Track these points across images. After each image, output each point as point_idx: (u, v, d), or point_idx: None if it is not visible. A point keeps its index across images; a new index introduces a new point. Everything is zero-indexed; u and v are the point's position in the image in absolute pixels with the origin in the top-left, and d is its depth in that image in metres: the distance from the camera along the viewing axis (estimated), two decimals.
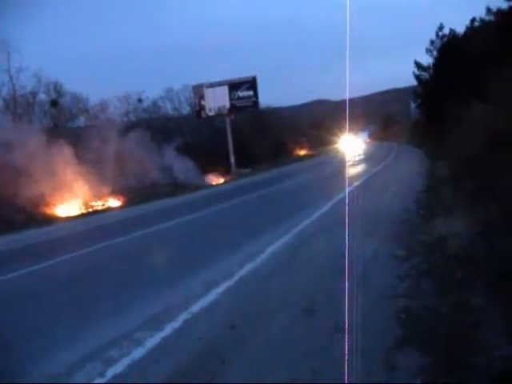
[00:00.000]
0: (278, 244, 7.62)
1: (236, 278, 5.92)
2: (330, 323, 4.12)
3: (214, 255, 7.47)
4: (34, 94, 26.27)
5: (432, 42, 31.96)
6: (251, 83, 34.04)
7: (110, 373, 3.75)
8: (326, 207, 11.01)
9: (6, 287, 7.56)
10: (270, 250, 7.26)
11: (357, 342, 3.50)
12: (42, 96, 27.16)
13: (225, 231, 10.14)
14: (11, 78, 24.55)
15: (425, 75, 34.81)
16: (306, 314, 4.47)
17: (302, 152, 55.38)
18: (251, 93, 33.96)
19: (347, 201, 11.81)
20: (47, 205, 19.33)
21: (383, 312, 4.27)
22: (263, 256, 6.92)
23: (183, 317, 4.73)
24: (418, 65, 35.04)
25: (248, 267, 6.36)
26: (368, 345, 3.52)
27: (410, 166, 20.98)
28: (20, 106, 25.35)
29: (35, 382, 3.83)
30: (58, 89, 27.72)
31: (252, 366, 3.62)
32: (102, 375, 3.73)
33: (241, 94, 34.13)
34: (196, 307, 4.97)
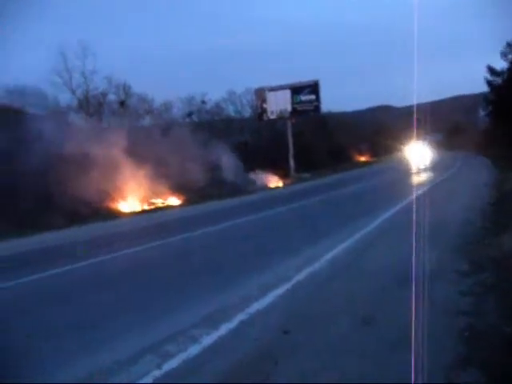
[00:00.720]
0: (338, 249, 7.53)
1: (293, 282, 5.90)
2: (389, 336, 4.00)
3: (271, 258, 7.50)
4: (104, 94, 27.56)
5: (509, 45, 30.29)
6: (313, 87, 33.84)
7: (166, 367, 3.83)
8: (387, 215, 10.77)
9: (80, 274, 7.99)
10: (329, 255, 7.18)
11: (416, 358, 3.37)
12: (112, 97, 28.41)
13: (284, 234, 10.13)
14: (85, 79, 25.91)
15: (497, 81, 33.11)
16: (363, 325, 4.37)
17: (363, 158, 54.36)
18: (313, 97, 33.76)
19: (409, 210, 11.49)
20: (111, 200, 20.13)
21: (445, 328, 4.10)
22: (322, 261, 6.85)
23: (239, 317, 4.77)
24: (491, 70, 33.38)
25: (305, 272, 6.32)
26: (429, 361, 3.38)
27: (477, 176, 20.07)
28: (92, 106, 26.66)
29: (101, 367, 3.98)
30: (126, 90, 28.91)
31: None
32: (159, 367, 3.82)
33: (303, 97, 34.01)
34: (252, 309, 4.99)
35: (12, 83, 22.10)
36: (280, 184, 29.55)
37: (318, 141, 37.75)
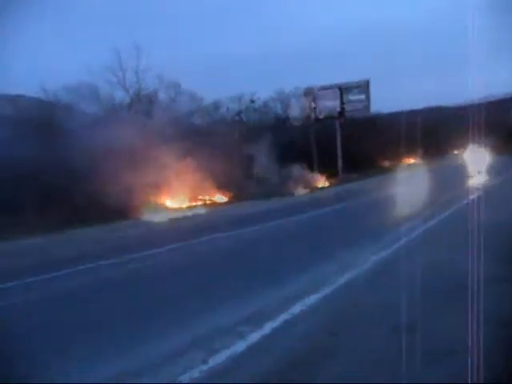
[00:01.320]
0: (387, 251, 7.41)
1: (334, 286, 5.84)
2: (437, 349, 3.86)
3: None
4: (155, 92, 28.15)
5: None
6: (364, 87, 33.27)
7: (212, 362, 3.90)
8: (438, 219, 10.45)
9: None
10: (373, 258, 7.07)
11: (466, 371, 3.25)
12: (163, 95, 28.98)
13: (334, 234, 10.11)
14: (138, 78, 26.57)
15: None
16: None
17: (412, 160, 52.99)
18: (363, 96, 33.20)
19: (461, 215, 11.13)
20: (161, 196, 20.62)
21: (502, 344, 3.92)
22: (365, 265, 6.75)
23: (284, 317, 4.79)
24: None
25: (347, 276, 6.25)
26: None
27: None
28: (143, 104, 27.31)
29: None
30: (176, 88, 29.42)
31: None
32: (204, 362, 3.90)
33: (352, 97, 33.51)
34: (296, 309, 4.99)
35: (70, 82, 23.03)
36: (327, 183, 29.29)
37: (366, 141, 37.11)
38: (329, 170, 30.91)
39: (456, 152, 46.28)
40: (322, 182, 29.43)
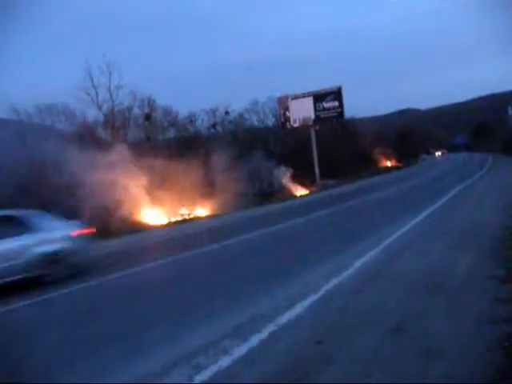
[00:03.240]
0: (367, 257, 7.44)
1: (322, 292, 5.83)
2: (422, 346, 3.91)
3: (301, 266, 7.48)
4: (129, 109, 28.04)
5: None
6: (336, 94, 33.71)
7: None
8: (417, 220, 10.59)
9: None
10: (357, 263, 7.09)
11: (451, 369, 3.27)
12: (137, 111, 28.88)
13: (314, 242, 10.11)
14: (111, 95, 26.41)
15: None
16: (395, 333, 4.28)
17: (389, 163, 53.78)
18: (336, 103, 33.62)
19: (438, 214, 11.32)
20: (139, 214, 20.41)
21: (482, 338, 3.97)
22: (351, 270, 6.76)
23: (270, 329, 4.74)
24: None
25: (335, 281, 6.25)
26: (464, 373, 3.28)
27: (508, 179, 19.64)
28: (117, 121, 27.14)
29: None
30: (151, 103, 29.35)
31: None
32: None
33: (326, 104, 33.91)
34: (283, 319, 4.96)
35: (42, 101, 22.75)
36: (305, 191, 29.45)
37: (342, 147, 37.55)
38: (307, 178, 31.11)
39: (427, 152, 47.23)
40: (300, 189, 29.58)
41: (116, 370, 4.28)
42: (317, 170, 33.06)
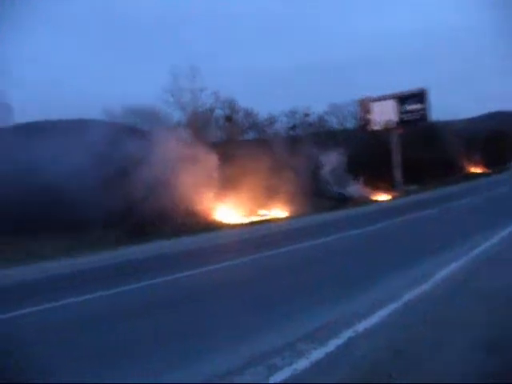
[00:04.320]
0: (451, 268, 7.04)
1: (404, 300, 5.60)
2: None
3: (383, 273, 7.25)
4: (211, 110, 28.76)
5: None
6: (420, 96, 32.34)
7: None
8: (506, 232, 9.87)
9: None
10: (442, 273, 6.74)
11: None
12: (219, 112, 29.56)
13: (396, 248, 9.79)
14: (194, 97, 27.29)
15: None
16: (484, 350, 3.98)
17: (477, 170, 50.75)
18: (420, 106, 32.26)
19: None
20: (218, 212, 20.87)
21: None
22: (434, 279, 6.44)
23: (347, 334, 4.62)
24: None
25: (417, 291, 5.97)
26: None
27: None
28: (199, 122, 27.94)
29: None
30: (232, 105, 29.91)
31: None
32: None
33: (409, 107, 32.66)
34: (362, 326, 4.81)
35: (130, 103, 24.02)
36: (386, 197, 28.56)
37: (425, 151, 35.95)
38: (387, 182, 30.15)
39: None
40: (379, 195, 28.73)
41: (189, 365, 4.35)
42: (397, 175, 31.93)
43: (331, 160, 27.18)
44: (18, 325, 6.34)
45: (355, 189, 27.05)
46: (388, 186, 29.98)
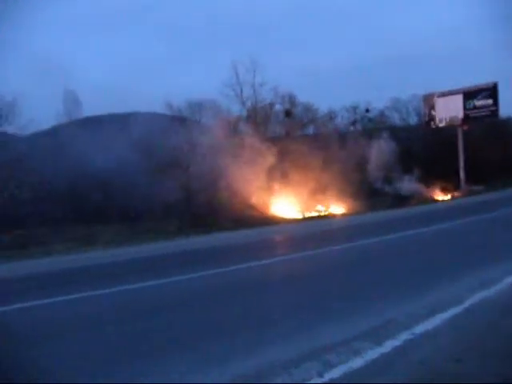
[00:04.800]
0: None
1: (465, 305, 5.40)
2: None
3: (441, 275, 7.04)
4: (271, 105, 28.85)
5: None
6: (491, 91, 30.73)
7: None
8: None
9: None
10: (509, 279, 6.44)
11: None
12: (278, 107, 29.60)
13: (460, 250, 9.49)
14: (255, 91, 27.50)
15: None
16: None
17: None
18: (490, 101, 30.66)
19: None
20: (275, 206, 20.97)
21: None
22: (500, 285, 6.16)
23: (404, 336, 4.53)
24: None
25: (480, 295, 5.75)
26: None
27: None
28: (259, 116, 28.13)
29: None
30: (291, 100, 29.84)
31: None
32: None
33: (477, 102, 31.14)
34: (420, 328, 4.70)
35: (193, 97, 24.63)
36: (448, 196, 27.52)
37: (494, 150, 34.19)
38: (451, 182, 28.98)
39: None
40: (441, 194, 27.73)
41: (244, 355, 4.40)
42: (462, 174, 30.64)
43: (381, 156, 26.40)
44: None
45: (413, 187, 26.22)
46: (450, 184, 28.84)
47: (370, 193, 23.90)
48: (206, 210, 17.54)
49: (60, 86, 23.95)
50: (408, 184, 26.44)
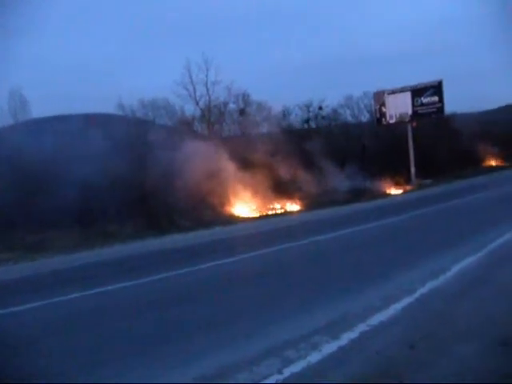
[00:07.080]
0: (465, 263, 7.01)
1: (417, 295, 5.60)
2: None
3: (394, 266, 7.24)
4: (225, 104, 28.76)
5: None
6: (436, 88, 31.93)
7: None
8: None
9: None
10: (456, 268, 6.72)
11: None
12: (232, 106, 29.54)
13: (410, 242, 9.78)
14: (208, 90, 27.34)
15: None
16: (500, 348, 3.98)
17: (493, 163, 50.03)
18: (436, 98, 31.84)
19: None
20: (230, 205, 20.92)
21: None
22: (448, 274, 6.42)
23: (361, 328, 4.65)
24: None
25: (430, 285, 5.97)
26: None
27: None
28: (213, 115, 28.01)
29: None
30: (245, 99, 29.86)
31: None
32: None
33: (424, 100, 32.27)
34: (375, 320, 4.83)
35: (145, 97, 24.22)
36: (399, 191, 28.36)
37: (440, 145, 35.55)
38: (402, 176, 29.89)
39: None
40: (393, 188, 28.54)
41: (202, 357, 4.39)
42: (412, 169, 31.64)
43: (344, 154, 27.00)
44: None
45: (366, 182, 26.85)
46: (402, 179, 29.74)
47: (325, 189, 24.26)
48: (163, 211, 17.31)
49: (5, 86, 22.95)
50: (362, 180, 27.01)
